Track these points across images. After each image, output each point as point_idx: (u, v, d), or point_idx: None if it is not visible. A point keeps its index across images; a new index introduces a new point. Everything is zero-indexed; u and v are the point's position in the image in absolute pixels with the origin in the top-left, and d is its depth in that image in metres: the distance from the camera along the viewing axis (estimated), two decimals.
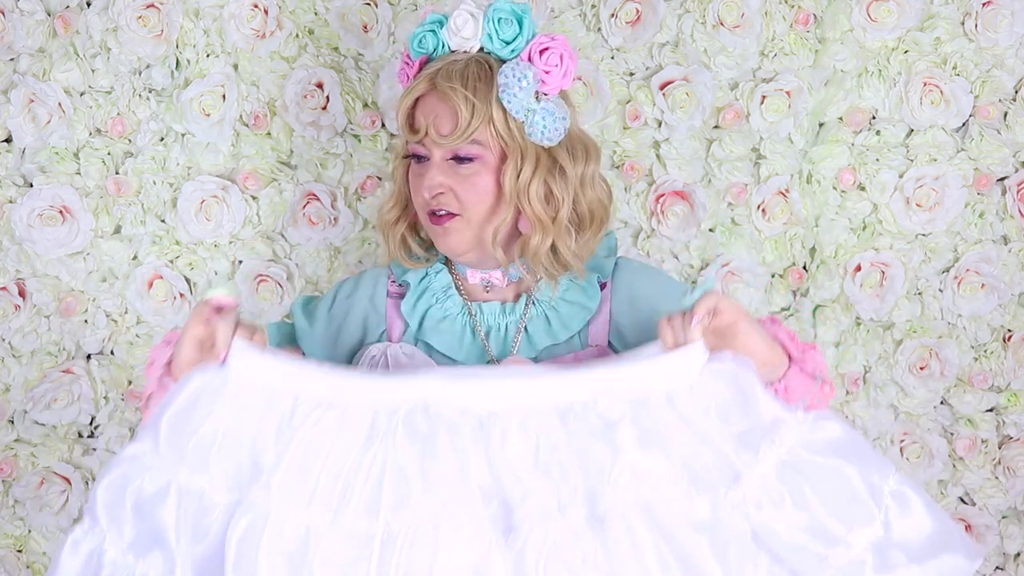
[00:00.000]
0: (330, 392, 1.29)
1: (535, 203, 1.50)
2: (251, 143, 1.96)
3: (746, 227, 2.00)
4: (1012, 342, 2.07)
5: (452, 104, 1.46)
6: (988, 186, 2.02)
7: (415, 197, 1.54)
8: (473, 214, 1.51)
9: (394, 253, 1.60)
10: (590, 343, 1.57)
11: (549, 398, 1.28)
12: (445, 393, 1.28)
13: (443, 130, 1.47)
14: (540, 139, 1.48)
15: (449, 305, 1.57)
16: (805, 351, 1.41)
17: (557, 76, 1.50)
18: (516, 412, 1.27)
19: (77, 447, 2.03)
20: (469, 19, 1.49)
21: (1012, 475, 2.09)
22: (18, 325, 1.98)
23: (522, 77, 1.47)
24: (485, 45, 1.50)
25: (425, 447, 1.25)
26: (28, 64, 1.94)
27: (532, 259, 1.52)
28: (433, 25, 1.51)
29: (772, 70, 1.97)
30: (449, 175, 1.49)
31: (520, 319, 1.56)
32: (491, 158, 1.49)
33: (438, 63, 1.50)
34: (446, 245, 1.54)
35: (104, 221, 1.97)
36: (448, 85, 1.46)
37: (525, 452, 1.25)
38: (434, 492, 1.23)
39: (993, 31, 1.98)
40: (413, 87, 1.50)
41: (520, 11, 1.49)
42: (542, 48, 1.50)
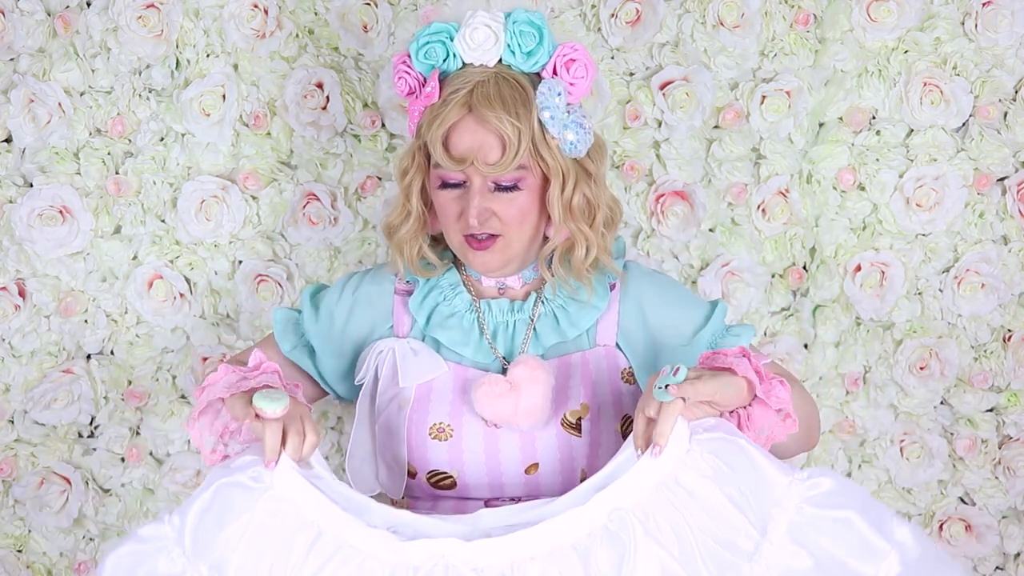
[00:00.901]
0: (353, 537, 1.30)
1: (579, 218, 1.50)
2: (251, 143, 1.96)
3: (746, 227, 2.00)
4: (1012, 342, 2.07)
5: (498, 131, 1.43)
6: (988, 186, 2.02)
7: (450, 221, 1.51)
8: (515, 234, 1.50)
9: (411, 263, 1.57)
10: (598, 343, 1.58)
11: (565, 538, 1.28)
12: (464, 553, 1.28)
13: (490, 159, 1.44)
14: (571, 152, 1.47)
15: (457, 302, 1.58)
16: (770, 390, 1.38)
17: (583, 86, 1.49)
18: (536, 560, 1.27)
19: (77, 447, 2.03)
20: (488, 32, 1.45)
21: (1012, 475, 2.09)
22: (18, 325, 1.98)
23: (559, 95, 1.45)
24: (506, 59, 1.47)
25: None
26: (28, 64, 1.94)
27: (576, 270, 1.52)
28: (441, 36, 1.47)
29: (772, 70, 1.97)
30: (491, 199, 1.48)
31: (529, 317, 1.57)
32: (532, 179, 1.48)
33: (461, 82, 1.46)
34: (484, 265, 1.53)
35: (104, 221, 1.97)
36: (491, 112, 1.43)
37: None
38: None
39: (993, 31, 1.98)
40: (446, 113, 1.45)
41: (539, 21, 1.47)
42: (567, 60, 1.48)
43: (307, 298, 1.65)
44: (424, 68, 1.49)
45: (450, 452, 1.53)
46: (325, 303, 1.63)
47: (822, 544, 1.25)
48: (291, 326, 1.65)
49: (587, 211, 1.51)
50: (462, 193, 1.49)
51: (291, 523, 1.31)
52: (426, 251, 1.57)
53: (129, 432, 2.02)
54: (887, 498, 2.10)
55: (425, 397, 1.55)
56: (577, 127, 1.47)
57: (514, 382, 1.50)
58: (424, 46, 1.48)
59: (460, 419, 1.53)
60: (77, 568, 2.02)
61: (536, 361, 1.52)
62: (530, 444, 1.52)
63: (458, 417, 1.54)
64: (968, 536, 2.12)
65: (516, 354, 1.56)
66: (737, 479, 1.28)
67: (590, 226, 1.51)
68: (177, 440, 2.02)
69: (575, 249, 1.52)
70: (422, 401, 1.55)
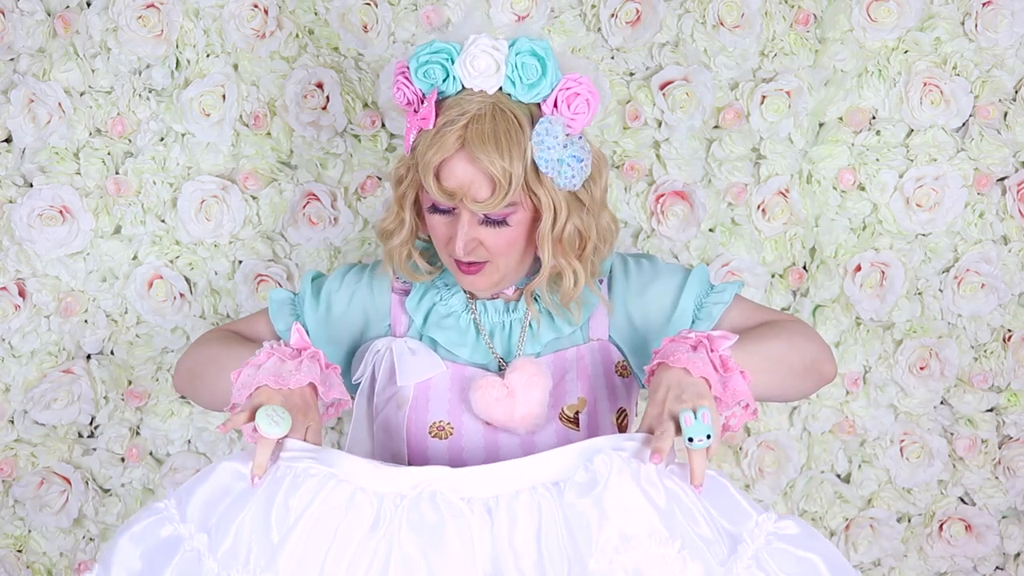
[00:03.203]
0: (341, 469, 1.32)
1: (568, 251, 1.50)
2: (251, 143, 1.96)
3: (746, 227, 2.00)
4: (1012, 342, 2.07)
5: (488, 172, 1.42)
6: (988, 186, 2.02)
7: (440, 243, 1.51)
8: (502, 262, 1.51)
9: (401, 268, 1.58)
10: (591, 337, 1.58)
11: (549, 474, 1.30)
12: (451, 482, 1.30)
13: (479, 197, 1.43)
14: (566, 186, 1.46)
15: (454, 302, 1.58)
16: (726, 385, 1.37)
17: (584, 120, 1.47)
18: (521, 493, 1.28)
19: (77, 447, 2.03)
20: (490, 60, 1.43)
21: (1012, 475, 2.10)
22: (18, 325, 1.98)
23: (555, 133, 1.43)
24: (506, 88, 1.45)
25: (432, 538, 1.26)
26: (28, 64, 1.94)
27: (564, 297, 1.53)
28: (440, 56, 1.45)
29: (772, 70, 1.97)
30: (479, 230, 1.47)
31: (524, 316, 1.57)
32: (523, 213, 1.47)
33: (457, 112, 1.43)
34: (472, 286, 1.54)
35: (104, 221, 1.97)
36: (483, 154, 1.41)
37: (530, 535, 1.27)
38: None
39: (993, 31, 1.98)
40: (440, 147, 1.43)
41: (542, 52, 1.44)
42: (569, 95, 1.45)
43: (307, 282, 1.65)
44: (423, 86, 1.46)
45: (450, 450, 1.53)
46: (325, 289, 1.63)
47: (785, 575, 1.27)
48: (287, 307, 1.65)
49: (577, 242, 1.50)
50: (451, 219, 1.48)
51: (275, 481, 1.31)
52: (416, 258, 1.58)
53: (129, 432, 2.03)
54: (887, 498, 2.10)
55: (424, 396, 1.55)
56: (574, 161, 1.45)
57: (511, 388, 1.51)
58: (424, 65, 1.45)
59: (460, 417, 1.54)
60: (77, 568, 2.02)
61: (534, 366, 1.52)
62: (530, 440, 1.53)
63: (457, 416, 1.54)
64: (968, 536, 2.12)
65: (513, 352, 1.56)
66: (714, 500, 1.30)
67: (579, 258, 1.51)
68: (177, 440, 2.02)
69: (562, 280, 1.53)
70: (421, 400, 1.55)
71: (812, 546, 1.29)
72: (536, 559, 1.26)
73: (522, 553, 1.26)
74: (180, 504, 1.34)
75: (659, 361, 1.39)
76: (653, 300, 1.58)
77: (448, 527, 1.26)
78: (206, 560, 1.28)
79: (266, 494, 1.30)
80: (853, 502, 2.11)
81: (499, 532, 1.27)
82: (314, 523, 1.27)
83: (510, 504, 1.28)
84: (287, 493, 1.30)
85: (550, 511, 1.27)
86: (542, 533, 1.27)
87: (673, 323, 1.57)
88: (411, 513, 1.28)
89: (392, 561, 1.25)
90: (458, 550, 1.25)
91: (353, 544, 1.26)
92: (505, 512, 1.28)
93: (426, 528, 1.26)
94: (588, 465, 1.29)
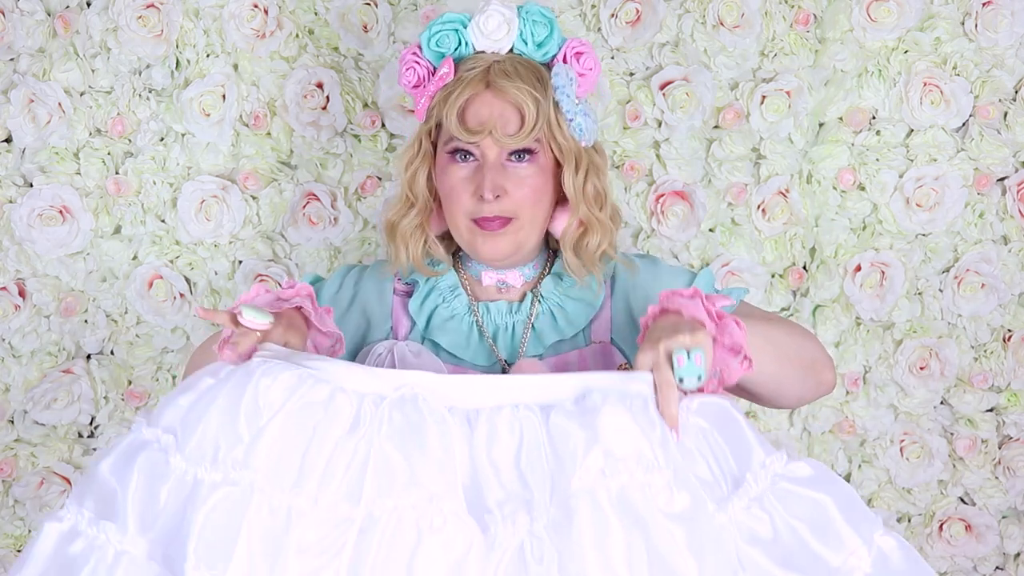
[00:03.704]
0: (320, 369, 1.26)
1: (592, 204, 1.50)
2: (251, 143, 1.96)
3: (746, 227, 2.00)
4: (1012, 342, 2.07)
5: (517, 102, 1.44)
6: (988, 186, 2.02)
7: (460, 201, 1.48)
8: (526, 218, 1.49)
9: (415, 260, 1.55)
10: (593, 339, 1.58)
11: (537, 396, 1.26)
12: (434, 387, 1.26)
13: (509, 129, 1.45)
14: (580, 137, 1.49)
15: (456, 305, 1.57)
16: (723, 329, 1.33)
17: (591, 79, 1.51)
18: (503, 409, 1.24)
19: (77, 447, 2.03)
20: (501, 20, 1.47)
21: (1012, 475, 2.09)
22: (18, 325, 1.98)
23: (571, 79, 1.47)
24: (517, 47, 1.49)
25: (413, 439, 1.21)
26: (28, 64, 1.94)
27: (587, 258, 1.52)
28: (454, 24, 1.49)
29: (772, 70, 1.97)
30: (505, 175, 1.47)
31: (527, 318, 1.56)
32: (545, 159, 1.48)
33: (476, 62, 1.47)
34: (493, 250, 1.50)
35: (104, 221, 1.97)
36: (511, 84, 1.44)
37: (508, 451, 1.23)
38: (420, 485, 1.19)
39: (993, 31, 1.98)
40: (463, 88, 1.45)
41: (550, 15, 1.49)
42: (577, 52, 1.50)
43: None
44: (435, 56, 1.50)
45: None
46: (325, 292, 1.62)
47: (788, 518, 1.21)
48: None
49: (598, 199, 1.52)
50: (474, 170, 1.47)
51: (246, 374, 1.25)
52: (432, 242, 1.55)
53: None
54: (887, 498, 2.10)
55: None
56: (585, 116, 1.49)
57: None
58: (436, 34, 1.49)
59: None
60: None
61: (537, 366, 1.51)
62: None
63: None
64: (968, 536, 2.12)
65: (516, 354, 1.56)
66: (720, 438, 1.25)
67: (601, 211, 1.52)
68: None
69: (587, 236, 1.52)
70: None
71: (825, 488, 1.23)
72: (516, 475, 1.21)
73: (501, 467, 1.22)
74: (151, 415, 1.28)
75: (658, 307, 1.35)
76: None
77: (430, 430, 1.21)
78: (172, 457, 1.22)
79: (236, 388, 1.24)
80: None
81: (478, 444, 1.22)
82: (291, 420, 1.21)
83: (491, 417, 1.23)
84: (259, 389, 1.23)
85: (532, 429, 1.23)
86: (522, 450, 1.22)
87: None
88: (392, 413, 1.22)
89: (371, 461, 1.20)
90: (439, 455, 1.21)
91: (331, 443, 1.21)
92: (485, 425, 1.23)
93: (407, 429, 1.22)
94: (580, 399, 1.24)
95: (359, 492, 1.19)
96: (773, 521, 1.21)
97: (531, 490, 1.20)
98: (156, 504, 1.20)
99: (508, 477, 1.21)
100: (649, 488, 1.17)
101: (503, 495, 1.20)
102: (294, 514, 1.18)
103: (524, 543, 1.17)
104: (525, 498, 1.20)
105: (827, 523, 1.21)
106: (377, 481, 1.19)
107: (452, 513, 1.18)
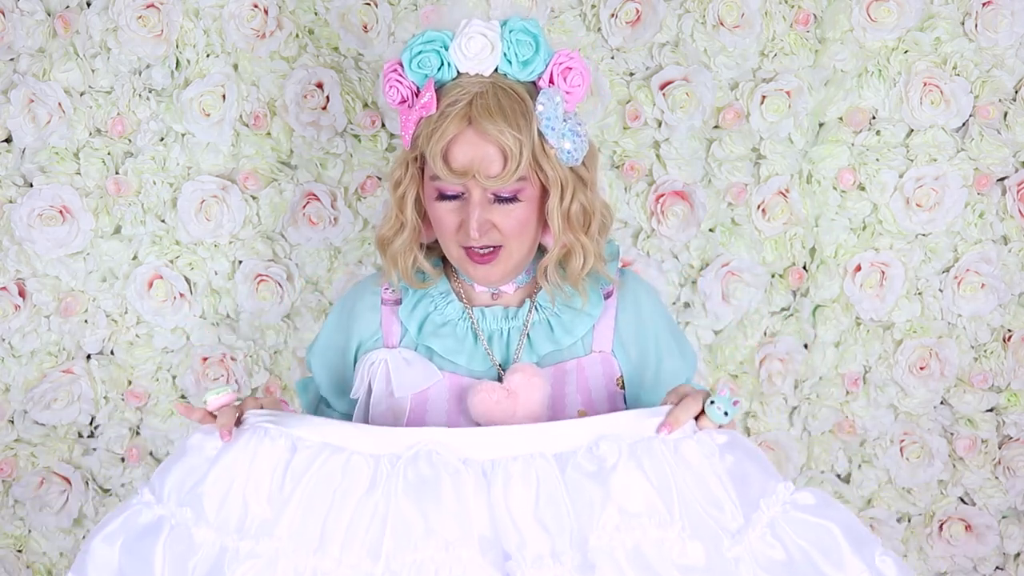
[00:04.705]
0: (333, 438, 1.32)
1: (576, 227, 1.49)
2: (251, 143, 1.96)
3: (746, 227, 2.00)
4: (1012, 342, 2.07)
5: (499, 143, 1.41)
6: (988, 186, 2.02)
7: (448, 233, 1.49)
8: (515, 245, 1.49)
9: (405, 275, 1.55)
10: (594, 349, 1.56)
11: (551, 445, 1.30)
12: (448, 441, 1.30)
13: (492, 172, 1.42)
14: (568, 161, 1.46)
15: (449, 311, 1.55)
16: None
17: (579, 94, 1.48)
18: (518, 460, 1.29)
19: (77, 447, 2.03)
20: (484, 43, 1.43)
21: (1012, 475, 2.10)
22: (18, 325, 1.98)
23: (557, 104, 1.44)
24: (502, 67, 1.45)
25: (428, 493, 1.26)
26: (28, 64, 1.94)
27: (572, 278, 1.52)
28: (433, 45, 1.45)
29: (772, 70, 1.97)
30: (491, 210, 1.46)
31: (523, 325, 1.55)
32: (531, 190, 1.47)
33: (459, 93, 1.43)
34: (485, 278, 1.51)
35: (104, 221, 1.97)
36: (492, 126, 1.40)
37: (526, 501, 1.27)
38: (436, 536, 1.24)
39: (993, 31, 1.98)
40: (445, 126, 1.42)
41: (535, 29, 1.45)
42: (564, 68, 1.46)
43: (308, 356, 1.65)
44: (417, 78, 1.46)
45: None
46: (323, 338, 1.62)
47: (799, 543, 1.28)
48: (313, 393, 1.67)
49: (583, 219, 1.50)
50: (460, 205, 1.47)
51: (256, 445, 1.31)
52: (421, 261, 1.55)
53: (129, 432, 2.03)
54: (887, 498, 2.10)
55: (421, 407, 1.53)
56: (574, 136, 1.46)
57: (511, 389, 1.49)
58: (417, 55, 1.45)
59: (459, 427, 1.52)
60: None
61: (533, 368, 1.51)
62: None
63: (456, 426, 1.51)
64: (968, 536, 2.12)
65: (511, 360, 1.55)
66: (734, 467, 1.31)
67: (586, 234, 1.51)
68: (177, 440, 2.02)
69: (571, 258, 1.51)
70: (418, 411, 1.52)
71: (829, 515, 1.30)
72: (535, 523, 1.27)
73: (518, 516, 1.27)
74: (155, 490, 1.32)
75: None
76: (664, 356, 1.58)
77: (444, 483, 1.26)
78: (196, 530, 1.27)
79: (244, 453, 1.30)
80: (853, 502, 2.11)
81: (495, 495, 1.27)
82: (312, 489, 1.27)
83: (507, 468, 1.28)
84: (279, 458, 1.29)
85: (549, 479, 1.28)
86: (540, 500, 1.27)
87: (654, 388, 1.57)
88: (407, 471, 1.28)
89: (389, 518, 1.25)
90: (454, 507, 1.26)
91: (351, 505, 1.27)
92: (501, 475, 1.28)
93: (422, 484, 1.27)
94: (594, 449, 1.30)
95: (379, 549, 1.25)
96: (786, 547, 1.28)
97: (552, 536, 1.26)
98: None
99: (526, 524, 1.27)
100: (662, 543, 1.24)
101: (522, 541, 1.26)
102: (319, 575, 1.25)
103: None
104: (548, 544, 1.26)
105: (834, 547, 1.28)
106: (395, 536, 1.25)
107: (469, 560, 1.24)
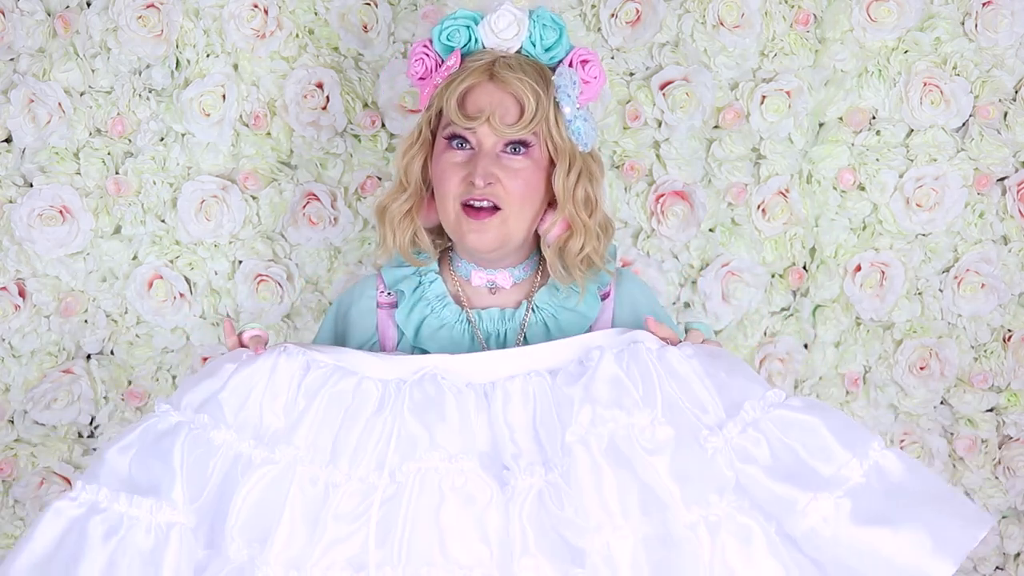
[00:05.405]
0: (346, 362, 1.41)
1: (579, 207, 1.51)
2: (251, 143, 1.96)
3: (746, 227, 2.00)
4: (1012, 342, 2.07)
5: (518, 93, 1.47)
6: (988, 186, 2.02)
7: (452, 186, 1.49)
8: (514, 209, 1.49)
9: (400, 247, 1.55)
10: None
11: (546, 361, 1.40)
12: (451, 366, 1.40)
13: (508, 118, 1.47)
14: (579, 142, 1.50)
15: (446, 314, 1.55)
16: None
17: (594, 88, 1.53)
18: (516, 378, 1.38)
19: (77, 447, 2.03)
20: (512, 20, 1.50)
21: (1012, 475, 2.09)
22: (18, 325, 1.98)
23: (574, 82, 1.50)
24: (525, 48, 1.51)
25: (433, 410, 1.36)
26: (28, 64, 1.94)
27: (568, 261, 1.52)
28: (467, 21, 1.51)
29: (772, 70, 1.97)
30: (499, 164, 1.48)
31: (520, 326, 1.55)
32: (540, 155, 1.50)
33: (481, 56, 1.50)
34: (479, 240, 1.49)
35: (104, 221, 1.97)
36: (513, 75, 1.47)
37: (523, 415, 1.37)
38: (440, 449, 1.33)
39: (993, 31, 1.98)
40: (465, 75, 1.48)
41: (561, 22, 1.52)
42: (583, 59, 1.52)
43: None
44: (443, 49, 1.52)
45: None
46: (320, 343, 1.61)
47: (781, 437, 1.32)
48: None
49: (587, 204, 1.53)
50: (468, 158, 1.48)
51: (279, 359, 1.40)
52: (420, 234, 1.55)
53: None
54: None
55: None
56: (585, 121, 1.51)
57: None
58: (447, 28, 1.52)
59: None
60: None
61: None
62: None
63: None
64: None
65: None
66: (717, 370, 1.36)
67: (590, 217, 1.52)
68: None
69: (571, 240, 1.52)
70: None
71: (816, 413, 1.34)
72: (531, 435, 1.36)
73: (516, 428, 1.36)
74: (174, 403, 1.39)
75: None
76: None
77: (447, 401, 1.36)
78: (215, 433, 1.35)
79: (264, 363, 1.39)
80: None
81: (495, 411, 1.37)
82: (324, 407, 1.37)
83: (505, 386, 1.38)
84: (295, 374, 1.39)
85: (544, 393, 1.38)
86: (537, 413, 1.37)
87: None
88: (413, 391, 1.38)
89: (395, 435, 1.35)
90: (457, 423, 1.35)
91: (360, 424, 1.37)
92: (500, 393, 1.38)
93: (427, 403, 1.37)
94: (583, 359, 1.39)
95: (385, 462, 1.35)
96: (768, 441, 1.32)
97: (544, 447, 1.35)
98: (204, 477, 1.34)
99: (523, 436, 1.36)
100: (632, 428, 1.31)
101: (518, 452, 1.35)
102: (330, 487, 1.34)
103: (543, 491, 1.32)
104: (540, 453, 1.35)
105: (818, 441, 1.32)
106: (401, 450, 1.34)
107: (471, 471, 1.33)
